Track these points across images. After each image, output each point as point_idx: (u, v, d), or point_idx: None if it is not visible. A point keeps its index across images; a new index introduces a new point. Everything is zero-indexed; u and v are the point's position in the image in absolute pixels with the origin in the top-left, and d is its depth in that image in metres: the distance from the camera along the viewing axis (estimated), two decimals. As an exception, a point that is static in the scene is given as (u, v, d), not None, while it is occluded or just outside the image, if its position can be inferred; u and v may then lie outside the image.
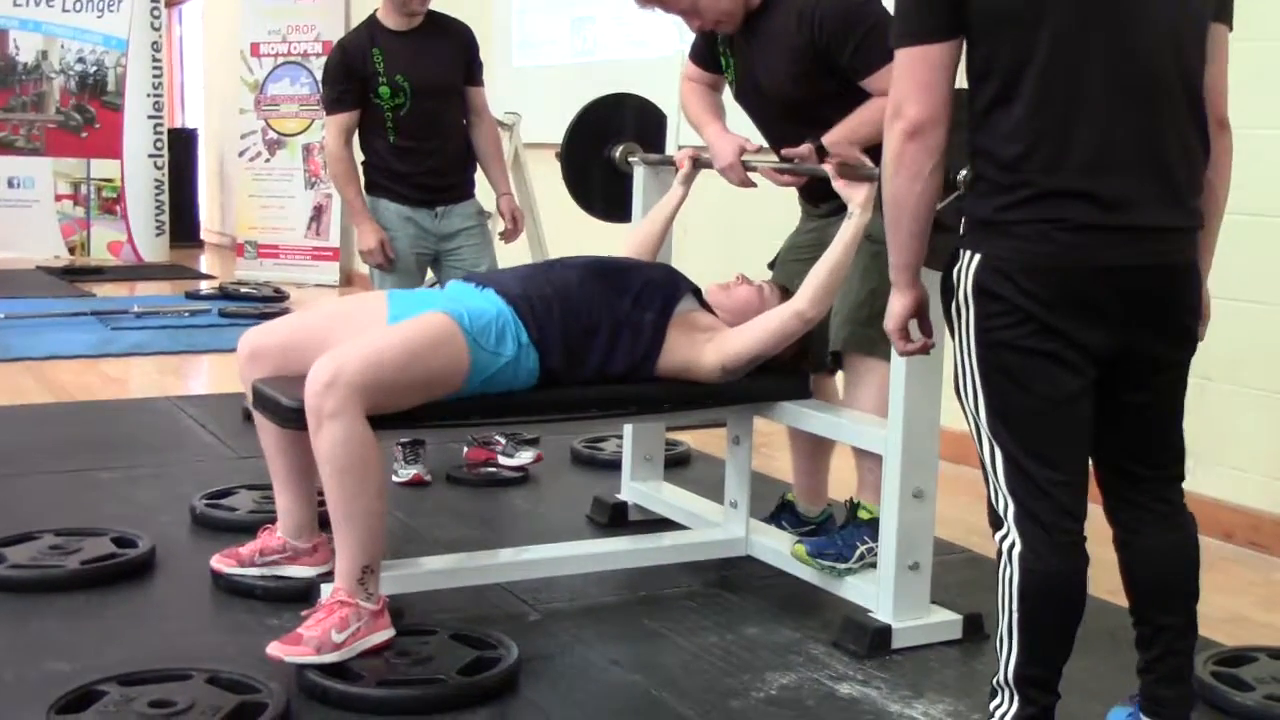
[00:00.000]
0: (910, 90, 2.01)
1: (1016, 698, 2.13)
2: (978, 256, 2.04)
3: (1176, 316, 2.09)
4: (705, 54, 3.34)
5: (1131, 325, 2.03)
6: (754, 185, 3.28)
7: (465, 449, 4.31)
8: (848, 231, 2.91)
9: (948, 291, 2.11)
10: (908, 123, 2.01)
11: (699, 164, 3.42)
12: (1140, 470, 2.17)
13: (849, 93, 2.98)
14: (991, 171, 2.02)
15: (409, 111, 4.09)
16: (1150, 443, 2.17)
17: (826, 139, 2.97)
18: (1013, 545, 2.09)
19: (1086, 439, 2.10)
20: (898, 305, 2.19)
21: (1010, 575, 2.09)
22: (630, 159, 3.69)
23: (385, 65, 4.07)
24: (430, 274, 4.29)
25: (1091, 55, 1.96)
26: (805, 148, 3.00)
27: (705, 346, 3.01)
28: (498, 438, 4.25)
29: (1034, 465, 2.05)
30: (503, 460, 4.25)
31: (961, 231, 2.09)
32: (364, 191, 4.19)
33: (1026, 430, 2.06)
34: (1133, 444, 2.16)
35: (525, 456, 4.24)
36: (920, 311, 2.21)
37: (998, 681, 2.16)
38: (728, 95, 3.38)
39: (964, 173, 2.17)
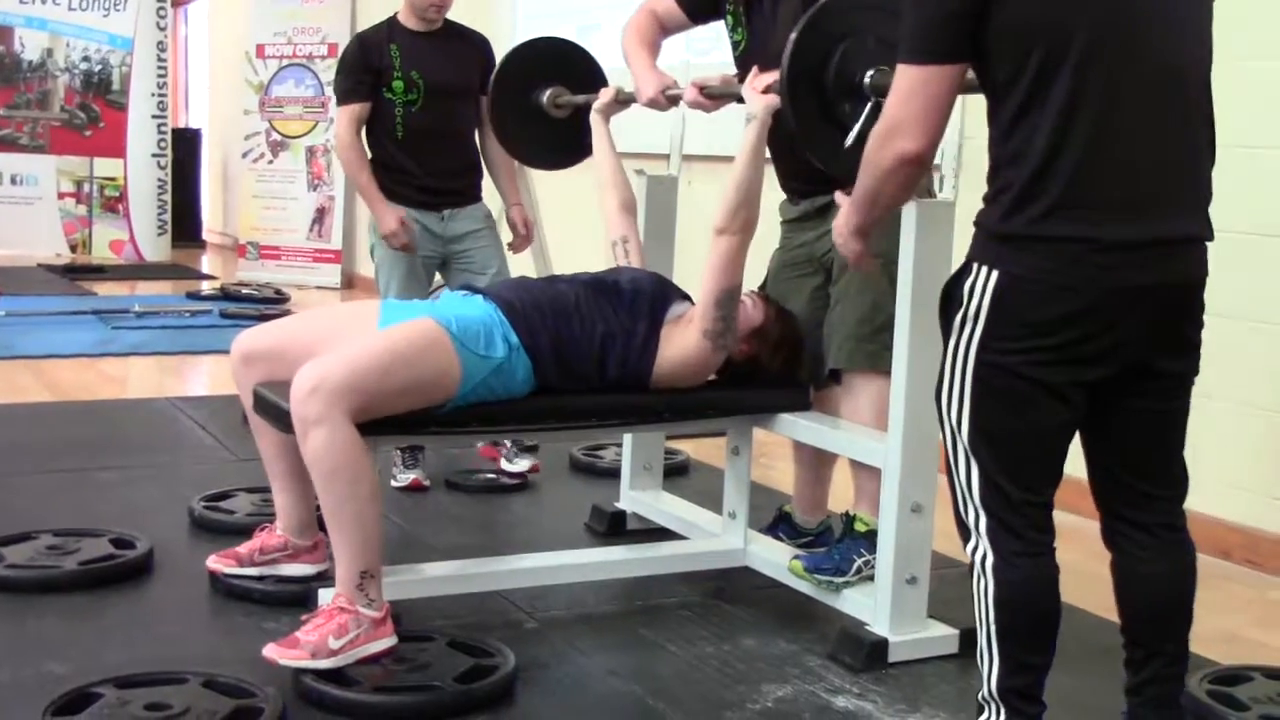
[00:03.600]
0: (914, 114, 1.99)
1: (1003, 710, 2.13)
2: (996, 273, 1.99)
3: (1189, 331, 2.08)
4: None
5: (1150, 342, 2.02)
6: (673, 107, 3.37)
7: (479, 444, 4.32)
8: (749, 138, 2.95)
9: (953, 302, 2.07)
10: (907, 152, 2.02)
11: (620, 99, 3.49)
12: (1146, 488, 2.15)
13: None
14: (1017, 180, 1.96)
15: (420, 109, 4.12)
16: (1158, 459, 2.14)
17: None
18: (984, 556, 2.08)
19: (1062, 465, 2.10)
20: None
21: (985, 586, 2.09)
22: (559, 101, 3.70)
23: (401, 60, 4.10)
24: (439, 277, 4.30)
25: (1121, 57, 1.92)
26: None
27: (688, 329, 3.02)
28: (505, 440, 4.26)
29: (1011, 485, 2.06)
30: (504, 464, 4.25)
31: (975, 244, 2.05)
32: None
33: (1009, 452, 2.05)
34: (1141, 460, 2.13)
35: (523, 464, 4.25)
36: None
37: (983, 696, 2.16)
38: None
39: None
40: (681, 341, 3.00)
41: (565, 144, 3.74)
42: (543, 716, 2.56)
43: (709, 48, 5.68)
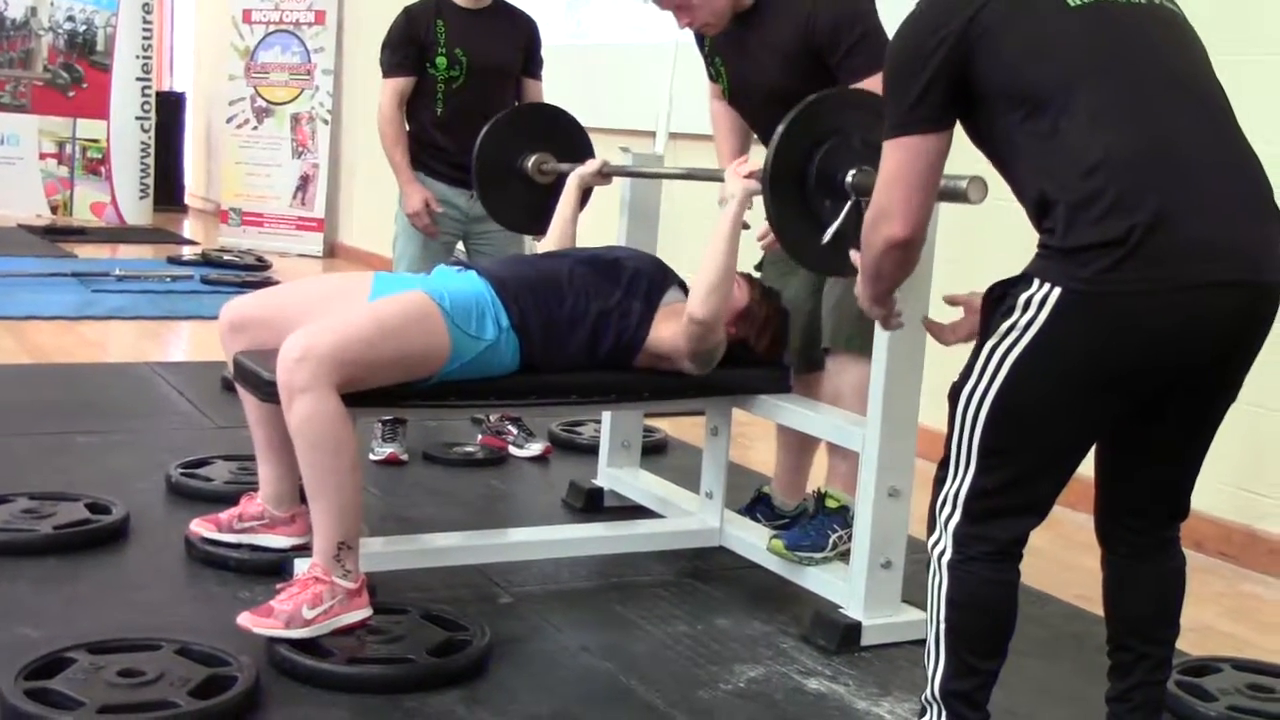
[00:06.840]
0: (898, 200, 1.99)
1: (945, 713, 2.08)
2: (1058, 290, 1.87)
3: (1254, 344, 1.97)
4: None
5: (1210, 353, 1.94)
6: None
7: (479, 436, 4.33)
8: (725, 221, 2.93)
9: (1002, 306, 1.96)
10: (894, 237, 2.02)
11: (604, 172, 3.49)
12: (1150, 505, 2.13)
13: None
14: (1068, 193, 1.86)
15: (461, 87, 4.11)
16: (1173, 483, 2.12)
17: None
18: (943, 552, 2.04)
19: (1064, 486, 2.04)
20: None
21: (939, 583, 2.05)
22: (544, 167, 3.70)
23: (446, 37, 4.10)
24: (460, 250, 4.29)
25: (1133, 67, 1.90)
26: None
27: (675, 329, 3.00)
28: (510, 427, 4.26)
29: (1004, 501, 2.01)
30: (514, 451, 4.26)
31: (1037, 260, 1.93)
32: None
33: (1018, 470, 1.99)
34: (1155, 481, 2.11)
35: (535, 448, 4.26)
36: None
37: (926, 696, 2.11)
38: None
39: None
40: (671, 340, 2.99)
41: (543, 209, 3.65)
42: (515, 691, 2.56)
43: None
